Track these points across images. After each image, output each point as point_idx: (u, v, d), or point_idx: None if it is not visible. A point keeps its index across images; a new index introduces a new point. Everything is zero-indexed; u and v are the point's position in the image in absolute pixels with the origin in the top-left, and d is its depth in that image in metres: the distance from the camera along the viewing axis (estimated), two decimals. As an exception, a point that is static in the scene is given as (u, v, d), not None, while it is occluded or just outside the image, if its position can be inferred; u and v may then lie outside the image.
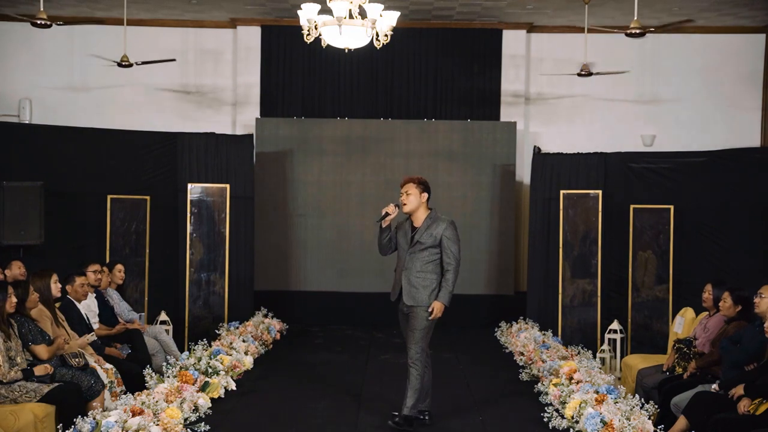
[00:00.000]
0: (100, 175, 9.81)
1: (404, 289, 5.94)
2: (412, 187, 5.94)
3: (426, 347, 5.97)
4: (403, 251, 5.98)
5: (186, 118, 12.12)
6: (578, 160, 9.92)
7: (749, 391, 5.28)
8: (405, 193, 5.94)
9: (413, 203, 5.93)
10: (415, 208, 5.95)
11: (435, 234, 5.90)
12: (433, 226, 5.93)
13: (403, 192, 5.96)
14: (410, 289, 5.92)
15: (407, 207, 5.94)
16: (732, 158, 9.79)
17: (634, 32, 9.31)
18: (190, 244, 9.84)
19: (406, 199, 5.93)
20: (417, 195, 5.93)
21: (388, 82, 12.14)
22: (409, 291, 5.92)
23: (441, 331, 10.68)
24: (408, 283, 5.93)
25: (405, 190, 5.96)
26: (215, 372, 7.03)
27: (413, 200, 5.93)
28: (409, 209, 5.95)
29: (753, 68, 12.14)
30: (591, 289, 9.70)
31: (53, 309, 6.42)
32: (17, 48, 12.10)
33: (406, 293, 5.93)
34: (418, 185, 5.94)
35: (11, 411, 5.30)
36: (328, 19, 6.86)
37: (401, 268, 5.97)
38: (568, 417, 6.04)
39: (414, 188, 5.94)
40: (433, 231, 5.91)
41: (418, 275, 5.91)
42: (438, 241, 5.90)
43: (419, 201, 5.94)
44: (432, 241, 5.90)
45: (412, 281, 5.92)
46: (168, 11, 11.71)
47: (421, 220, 5.96)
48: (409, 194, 5.93)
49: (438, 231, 5.91)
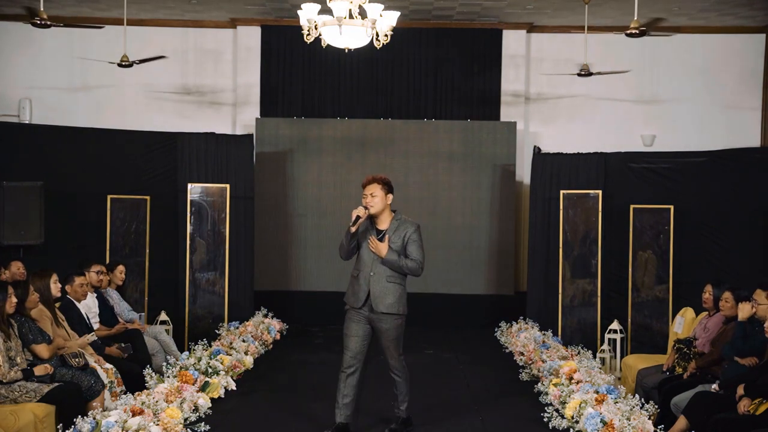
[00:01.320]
0: (100, 175, 9.81)
1: (374, 296, 5.61)
2: (377, 188, 5.61)
3: (401, 352, 5.80)
4: (367, 255, 5.65)
5: (186, 118, 12.12)
6: (578, 160, 9.92)
7: (749, 391, 5.28)
8: (370, 195, 5.60)
9: (379, 205, 5.61)
10: (381, 210, 5.63)
11: (403, 237, 5.63)
12: (401, 228, 5.65)
13: (367, 193, 5.61)
14: (381, 296, 5.62)
15: (373, 209, 5.60)
16: (732, 158, 9.79)
17: (634, 32, 9.32)
18: (190, 244, 9.83)
19: (371, 200, 5.59)
20: (382, 196, 5.61)
21: (388, 82, 12.14)
22: (380, 298, 5.62)
23: (441, 331, 10.79)
24: (378, 290, 5.62)
25: (369, 191, 5.61)
26: (215, 372, 7.04)
27: (378, 202, 5.60)
28: (375, 211, 5.62)
29: (753, 68, 12.14)
30: (591, 289, 9.70)
31: (53, 309, 6.42)
32: (17, 48, 12.10)
33: (376, 300, 5.61)
34: (383, 186, 5.62)
35: (11, 411, 5.30)
36: (328, 19, 6.86)
37: (367, 273, 5.63)
38: (568, 417, 6.05)
39: (379, 189, 5.61)
40: (401, 234, 5.63)
41: (389, 280, 5.63)
42: (405, 244, 5.62)
43: (384, 203, 5.63)
44: (401, 244, 5.62)
45: (382, 287, 5.62)
46: (168, 11, 11.71)
47: (387, 222, 5.67)
48: (374, 195, 5.60)
49: (406, 234, 5.63)
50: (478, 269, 11.45)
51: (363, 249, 5.69)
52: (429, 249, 11.33)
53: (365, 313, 5.66)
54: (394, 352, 5.72)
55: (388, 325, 5.65)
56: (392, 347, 5.71)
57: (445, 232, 11.50)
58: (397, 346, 5.72)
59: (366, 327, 5.68)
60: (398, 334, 5.70)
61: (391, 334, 5.67)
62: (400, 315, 5.68)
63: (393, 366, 5.76)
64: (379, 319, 5.64)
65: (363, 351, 5.69)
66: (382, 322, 5.65)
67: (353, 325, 5.69)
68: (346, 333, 5.72)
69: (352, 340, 5.67)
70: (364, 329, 5.68)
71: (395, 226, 5.64)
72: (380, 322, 5.65)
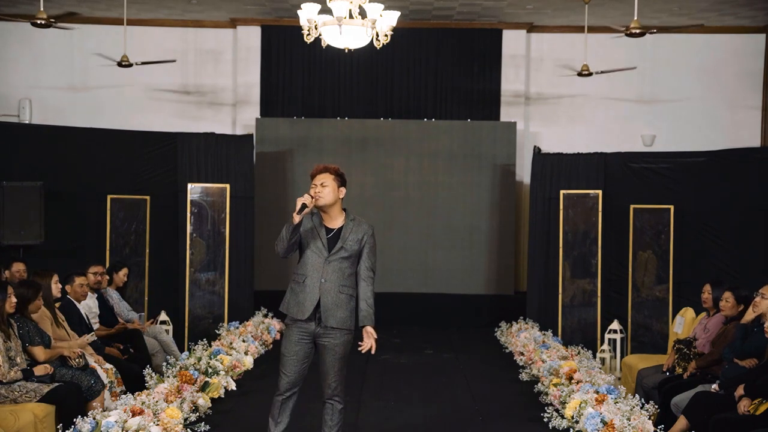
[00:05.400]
0: (100, 175, 9.80)
1: (324, 308, 4.78)
2: (329, 178, 4.86)
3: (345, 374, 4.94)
4: (317, 257, 4.83)
5: (186, 118, 12.13)
6: (578, 160, 9.91)
7: (749, 391, 5.28)
8: (320, 184, 4.83)
9: (329, 196, 4.82)
10: (331, 203, 4.84)
11: (361, 240, 4.87)
12: (357, 230, 4.88)
13: (316, 183, 4.84)
14: (333, 308, 4.79)
15: (322, 200, 4.80)
16: (732, 158, 9.79)
17: (634, 32, 9.32)
18: (190, 244, 9.83)
19: (321, 190, 4.81)
20: (334, 188, 4.84)
21: (388, 82, 12.14)
22: (331, 310, 4.79)
23: (441, 331, 10.79)
24: (329, 301, 4.79)
25: (320, 180, 4.84)
26: (215, 372, 7.03)
27: (329, 193, 4.82)
28: (324, 203, 4.82)
29: (753, 68, 12.14)
30: (591, 289, 9.70)
31: (53, 309, 6.42)
32: (17, 48, 12.11)
33: (327, 312, 4.78)
34: (336, 177, 4.88)
35: (11, 411, 5.29)
36: (328, 19, 6.86)
37: (317, 279, 4.80)
38: (568, 417, 6.04)
39: (331, 180, 4.85)
40: (358, 236, 4.87)
41: (342, 290, 4.82)
42: (361, 248, 4.88)
43: (336, 196, 4.85)
44: (357, 247, 4.86)
45: (334, 298, 4.80)
46: (168, 11, 11.71)
47: (338, 220, 4.90)
48: (325, 186, 4.83)
49: (364, 237, 4.88)
50: (478, 269, 11.45)
51: (310, 250, 4.86)
52: (429, 249, 11.57)
53: (311, 327, 4.82)
54: (339, 374, 4.85)
55: (338, 341, 4.82)
56: (338, 367, 4.84)
57: (445, 232, 11.51)
58: (344, 366, 4.88)
59: (309, 346, 4.85)
60: (347, 351, 4.88)
61: (340, 351, 4.83)
62: (351, 331, 4.88)
63: (334, 391, 4.87)
64: (328, 334, 4.81)
65: (303, 374, 4.88)
66: (330, 338, 4.81)
67: (294, 345, 4.83)
68: (284, 353, 4.86)
69: (291, 362, 4.82)
70: (306, 349, 4.85)
71: (351, 227, 4.89)
72: (329, 338, 4.82)
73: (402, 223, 11.55)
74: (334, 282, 4.81)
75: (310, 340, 4.84)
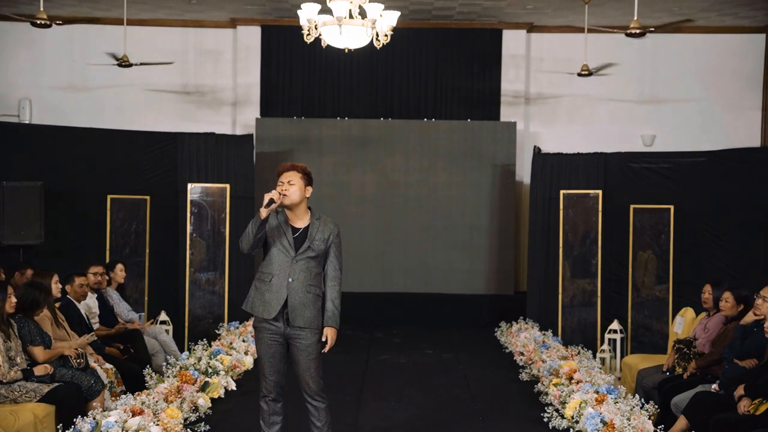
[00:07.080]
0: (100, 175, 9.80)
1: (291, 307, 4.79)
2: (297, 176, 4.87)
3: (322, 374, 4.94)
4: (283, 256, 4.85)
5: (186, 119, 12.13)
6: (578, 160, 9.91)
7: (749, 391, 5.28)
8: (286, 182, 4.85)
9: (295, 195, 4.84)
10: (297, 202, 4.86)
11: (327, 239, 4.90)
12: (323, 228, 4.91)
13: (283, 181, 4.87)
14: (300, 308, 4.80)
15: (288, 198, 4.83)
16: (732, 158, 9.78)
17: (634, 32, 9.32)
18: (190, 244, 9.83)
19: (288, 188, 4.83)
20: (301, 186, 4.86)
21: (388, 82, 12.15)
22: (298, 310, 4.80)
23: (441, 331, 10.79)
24: (297, 300, 4.80)
25: (287, 178, 4.87)
26: (215, 372, 7.04)
27: (296, 191, 4.84)
28: (291, 201, 4.84)
29: (753, 68, 12.14)
30: (591, 289, 9.70)
31: (53, 309, 6.42)
32: (17, 48, 12.11)
33: (294, 312, 4.79)
34: (303, 175, 4.89)
35: (11, 411, 5.29)
36: (328, 19, 6.86)
37: (284, 278, 4.81)
38: (568, 417, 6.04)
39: (298, 178, 4.87)
40: (324, 235, 4.90)
41: (309, 290, 4.84)
42: (327, 247, 4.92)
43: (302, 194, 4.87)
44: (324, 247, 4.89)
45: (301, 298, 4.81)
46: (168, 11, 11.71)
47: (305, 219, 4.92)
48: (292, 184, 4.85)
49: (330, 236, 4.91)
50: (478, 269, 11.45)
51: (276, 249, 4.88)
52: (429, 249, 11.56)
53: (280, 327, 4.81)
54: (315, 374, 4.86)
55: (309, 341, 4.82)
56: (313, 368, 4.84)
57: (445, 232, 11.51)
58: (319, 366, 4.87)
59: (282, 345, 4.85)
60: (319, 350, 4.87)
61: (313, 351, 4.83)
62: (320, 330, 4.87)
63: (313, 391, 4.88)
64: (297, 335, 4.81)
65: (284, 372, 4.90)
66: (302, 339, 4.81)
67: (267, 347, 4.83)
68: (260, 356, 4.89)
69: (269, 364, 4.85)
70: (281, 349, 4.85)
71: (317, 226, 4.91)
72: (300, 340, 4.81)
73: (402, 223, 11.55)
74: (302, 281, 4.83)
75: (282, 340, 4.84)
